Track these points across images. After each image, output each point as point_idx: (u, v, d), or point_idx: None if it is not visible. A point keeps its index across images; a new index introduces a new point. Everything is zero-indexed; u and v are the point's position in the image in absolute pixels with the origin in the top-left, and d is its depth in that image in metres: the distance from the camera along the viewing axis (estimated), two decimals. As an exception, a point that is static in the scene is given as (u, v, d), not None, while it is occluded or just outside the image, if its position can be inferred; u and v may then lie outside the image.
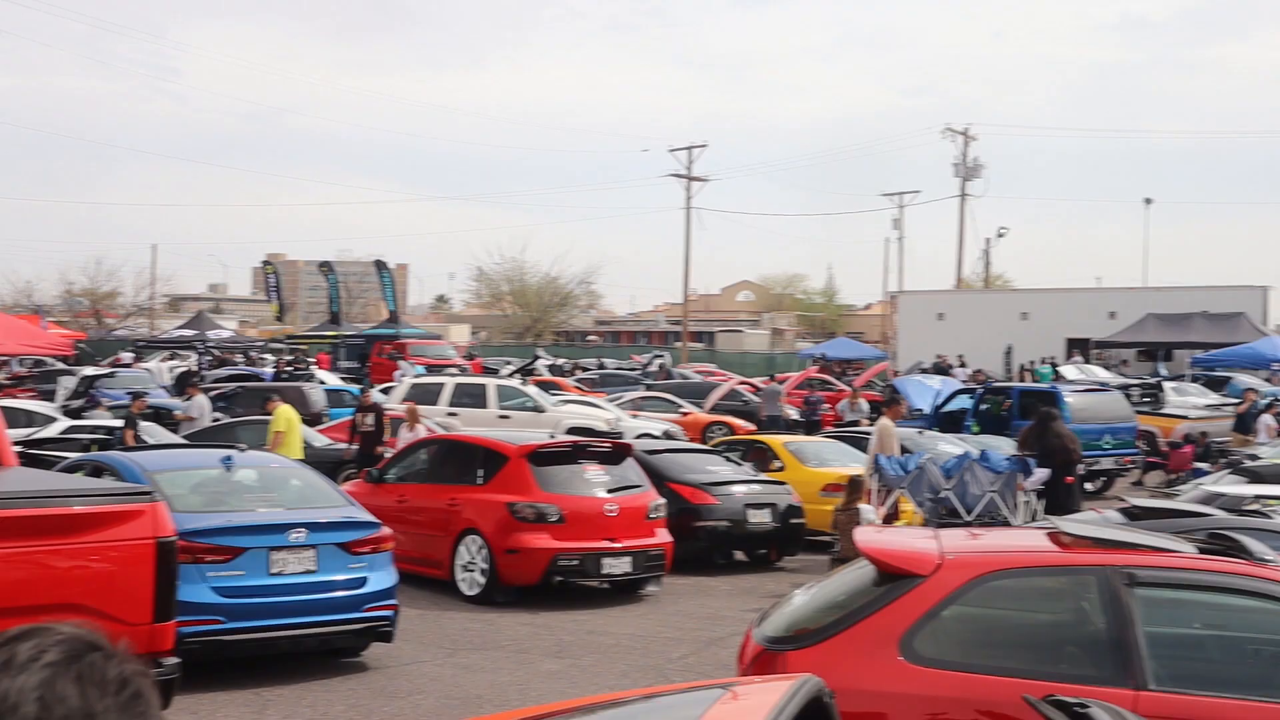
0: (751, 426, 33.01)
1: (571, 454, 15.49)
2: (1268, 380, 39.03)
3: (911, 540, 7.47)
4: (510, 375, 39.79)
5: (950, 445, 21.24)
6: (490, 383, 31.85)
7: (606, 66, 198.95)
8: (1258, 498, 12.36)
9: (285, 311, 76.62)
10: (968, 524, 15.82)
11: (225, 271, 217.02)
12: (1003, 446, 21.38)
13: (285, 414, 20.52)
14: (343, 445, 22.74)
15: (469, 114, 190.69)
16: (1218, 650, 6.80)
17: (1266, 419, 28.91)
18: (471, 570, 14.86)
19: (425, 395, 29.54)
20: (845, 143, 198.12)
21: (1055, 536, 7.06)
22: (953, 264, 72.94)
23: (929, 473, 16.87)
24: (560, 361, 56.98)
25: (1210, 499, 12.44)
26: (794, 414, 34.90)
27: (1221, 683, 6.34)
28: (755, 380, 45.25)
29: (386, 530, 11.83)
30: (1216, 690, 6.23)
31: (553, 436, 16.96)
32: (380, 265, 63.95)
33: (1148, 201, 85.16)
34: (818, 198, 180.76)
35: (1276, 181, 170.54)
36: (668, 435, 28.58)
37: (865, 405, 33.20)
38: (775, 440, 21.28)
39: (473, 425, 25.51)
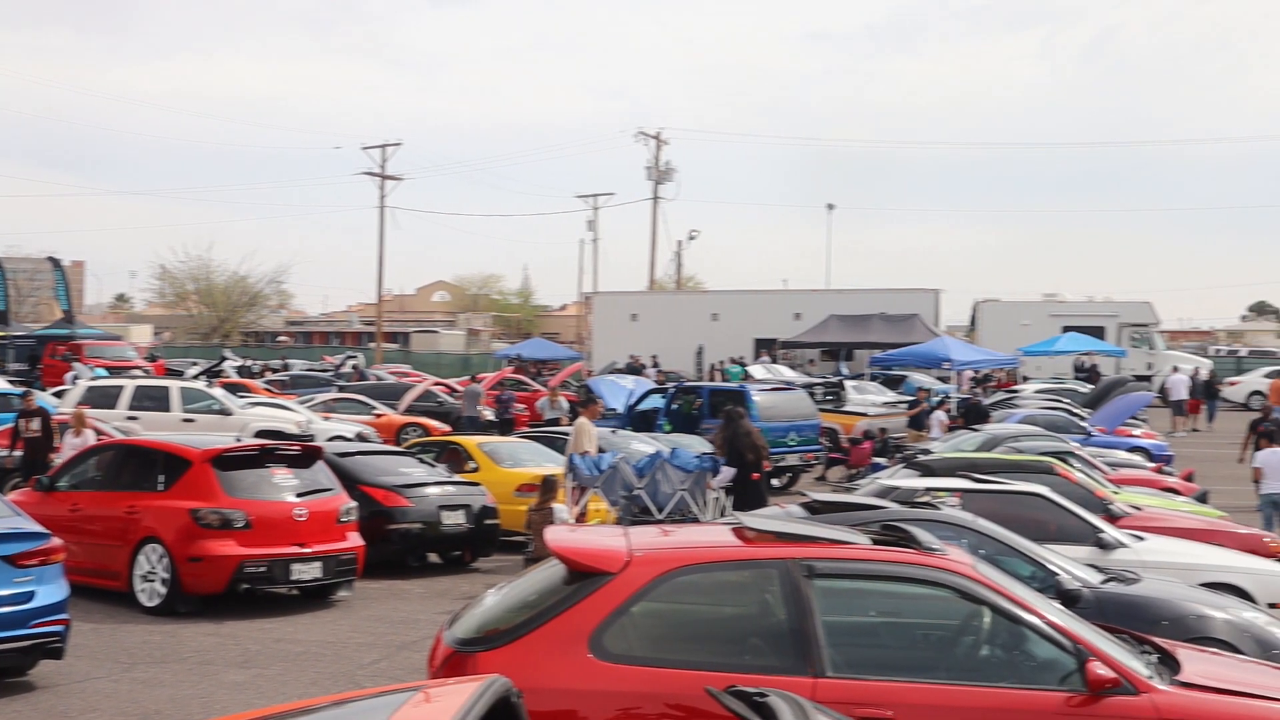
0: (446, 428, 32.81)
1: (259, 458, 15.03)
2: (940, 379, 41.20)
3: (600, 538, 7.52)
4: (195, 377, 38.42)
5: (643, 444, 21.57)
6: (174, 385, 30.66)
7: (296, 61, 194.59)
8: (929, 490, 12.96)
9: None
10: (659, 522, 16.12)
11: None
12: (694, 445, 21.86)
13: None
14: (3, 453, 21.47)
15: (154, 106, 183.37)
16: (891, 636, 7.07)
17: (939, 415, 30.53)
18: (152, 580, 14.23)
19: (103, 398, 28.23)
20: (541, 144, 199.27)
21: (739, 531, 7.22)
22: (646, 265, 74.35)
23: (622, 471, 17.09)
24: (249, 363, 55.32)
25: (885, 492, 12.97)
26: (490, 415, 34.88)
27: (895, 667, 6.60)
28: (450, 381, 45.02)
29: (57, 541, 11.18)
30: (890, 675, 6.49)
31: (239, 440, 16.44)
32: (54, 262, 60.70)
33: (830, 207, 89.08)
34: (514, 199, 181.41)
35: (945, 188, 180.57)
36: (360, 437, 28.12)
37: (565, 404, 33.45)
38: (469, 441, 21.18)
39: (155, 429, 24.44)
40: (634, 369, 48.22)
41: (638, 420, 28.77)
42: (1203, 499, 19.38)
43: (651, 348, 54.54)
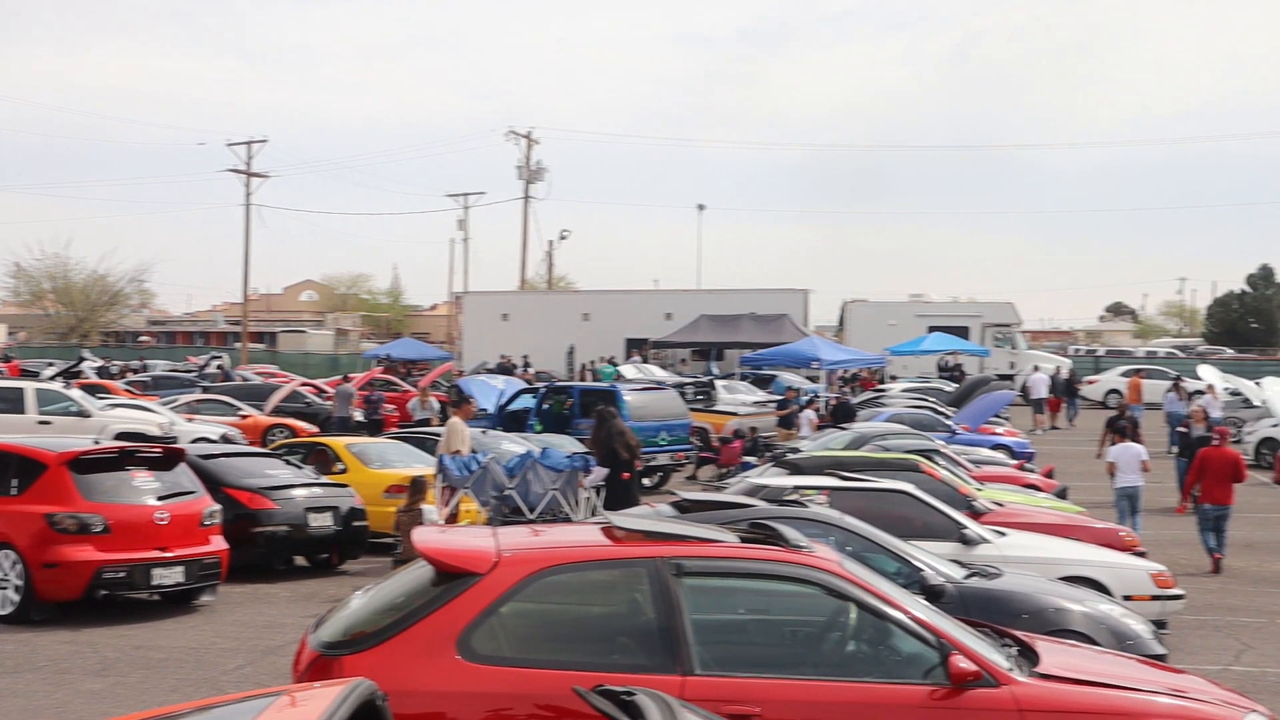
0: (314, 429, 32.38)
1: (118, 460, 14.66)
2: (809, 379, 41.67)
3: (469, 539, 7.46)
4: (52, 378, 37.37)
5: (513, 444, 21.48)
6: (29, 386, 29.78)
7: (158, 53, 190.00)
8: (797, 488, 13.09)
9: None
10: (531, 522, 16.07)
11: None
12: (565, 445, 21.84)
13: None
14: None
15: (7, 99, 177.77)
16: (759, 633, 7.12)
17: (808, 414, 30.90)
18: (4, 588, 13.81)
19: (-46, 401, 27.33)
20: (411, 143, 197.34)
21: (609, 531, 7.21)
22: (517, 265, 74.11)
23: (493, 472, 17.01)
24: (108, 363, 54.00)
25: (754, 491, 13.07)
26: (359, 415, 34.49)
27: (763, 664, 6.65)
28: (318, 382, 44.44)
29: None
30: (758, 671, 6.54)
31: (97, 442, 16.02)
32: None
33: (701, 207, 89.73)
34: (384, 197, 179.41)
35: (814, 190, 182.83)
36: (225, 439, 27.66)
37: (435, 404, 33.21)
38: (337, 442, 20.91)
39: (8, 432, 23.71)
40: (505, 369, 48.03)
41: (508, 420, 28.66)
42: (1062, 495, 19.87)
43: (522, 348, 54.37)
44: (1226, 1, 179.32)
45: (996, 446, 27.41)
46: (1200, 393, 35.05)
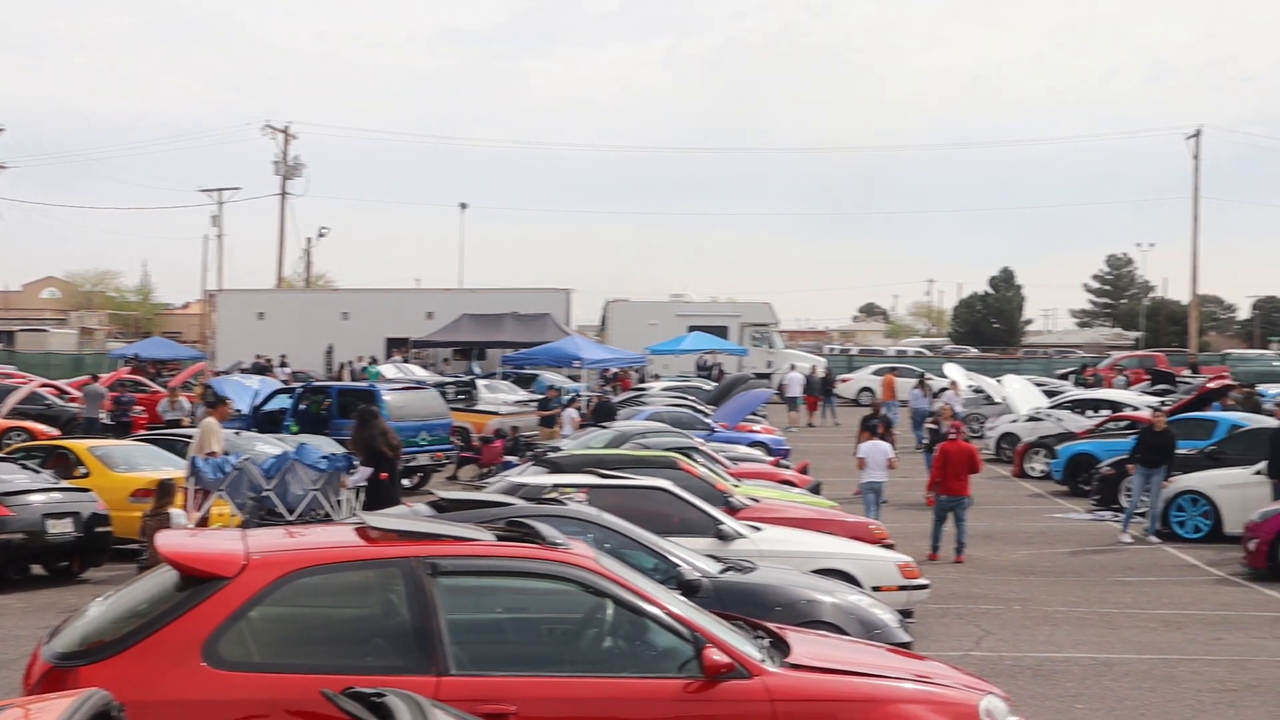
0: (55, 431, 30.99)
1: None
2: (571, 378, 41.89)
3: (215, 541, 7.26)
4: None
5: (268, 445, 20.97)
6: None
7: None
8: (556, 487, 13.11)
9: None
10: (289, 523, 15.71)
11: None
12: (323, 445, 21.41)
13: None
14: None
15: None
16: (516, 632, 7.10)
17: (570, 413, 31.06)
18: None
19: None
20: (162, 135, 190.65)
21: (363, 531, 7.09)
22: (274, 263, 72.40)
23: (249, 473, 16.60)
24: None
25: (514, 490, 13.06)
26: (106, 418, 33.18)
27: (520, 662, 6.64)
28: (60, 383, 42.56)
29: None
30: (514, 670, 6.52)
31: None
32: None
33: (463, 206, 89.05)
34: (132, 191, 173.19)
35: (577, 191, 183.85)
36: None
37: (186, 404, 32.20)
38: (79, 445, 20.06)
39: None
40: (261, 369, 46.89)
41: (263, 421, 27.97)
42: (816, 490, 20.44)
43: (280, 347, 53.17)
44: (972, 15, 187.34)
45: (754, 444, 28.03)
46: (945, 389, 36.54)
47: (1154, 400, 32.97)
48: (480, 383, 37.58)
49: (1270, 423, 21.01)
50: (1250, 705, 10.83)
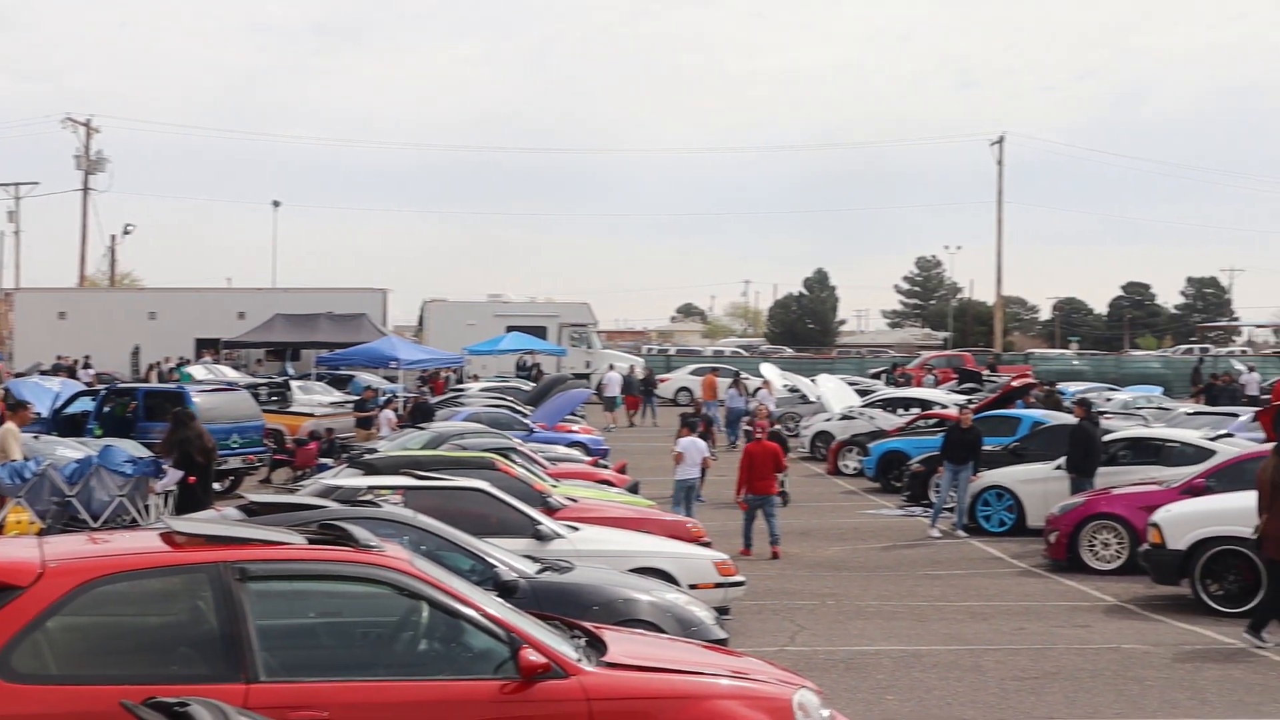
0: None
1: None
2: (388, 379, 41.36)
3: (9, 549, 7.00)
4: None
5: (70, 449, 20.23)
6: None
7: None
8: (371, 489, 12.94)
9: None
10: (93, 530, 15.21)
11: None
12: (129, 449, 20.75)
13: None
14: None
15: None
16: (329, 636, 6.97)
17: (387, 414, 30.67)
18: None
19: None
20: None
21: (169, 536, 6.89)
22: (76, 261, 69.98)
23: (51, 479, 16.05)
24: None
25: (328, 492, 12.84)
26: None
27: (333, 667, 6.54)
28: None
29: None
30: (327, 675, 6.42)
31: None
32: None
33: (276, 204, 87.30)
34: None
35: (393, 189, 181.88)
36: None
37: (-20, 410, 30.83)
38: None
39: None
40: (63, 369, 45.27)
41: (64, 425, 26.98)
42: (634, 489, 20.53)
43: (83, 348, 51.43)
44: (783, 21, 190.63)
45: (572, 444, 28.04)
46: (759, 389, 37.12)
47: (961, 399, 33.92)
48: (294, 384, 36.88)
49: (1070, 420, 21.76)
50: (1050, 692, 11.21)
